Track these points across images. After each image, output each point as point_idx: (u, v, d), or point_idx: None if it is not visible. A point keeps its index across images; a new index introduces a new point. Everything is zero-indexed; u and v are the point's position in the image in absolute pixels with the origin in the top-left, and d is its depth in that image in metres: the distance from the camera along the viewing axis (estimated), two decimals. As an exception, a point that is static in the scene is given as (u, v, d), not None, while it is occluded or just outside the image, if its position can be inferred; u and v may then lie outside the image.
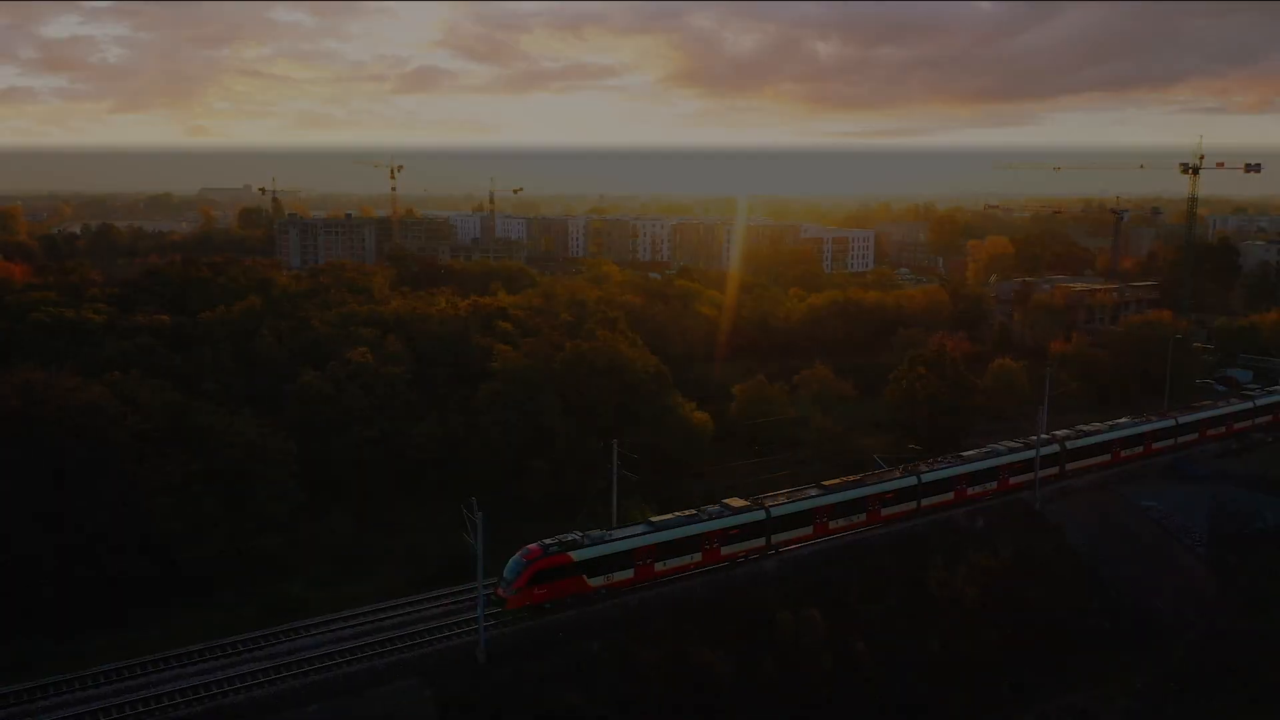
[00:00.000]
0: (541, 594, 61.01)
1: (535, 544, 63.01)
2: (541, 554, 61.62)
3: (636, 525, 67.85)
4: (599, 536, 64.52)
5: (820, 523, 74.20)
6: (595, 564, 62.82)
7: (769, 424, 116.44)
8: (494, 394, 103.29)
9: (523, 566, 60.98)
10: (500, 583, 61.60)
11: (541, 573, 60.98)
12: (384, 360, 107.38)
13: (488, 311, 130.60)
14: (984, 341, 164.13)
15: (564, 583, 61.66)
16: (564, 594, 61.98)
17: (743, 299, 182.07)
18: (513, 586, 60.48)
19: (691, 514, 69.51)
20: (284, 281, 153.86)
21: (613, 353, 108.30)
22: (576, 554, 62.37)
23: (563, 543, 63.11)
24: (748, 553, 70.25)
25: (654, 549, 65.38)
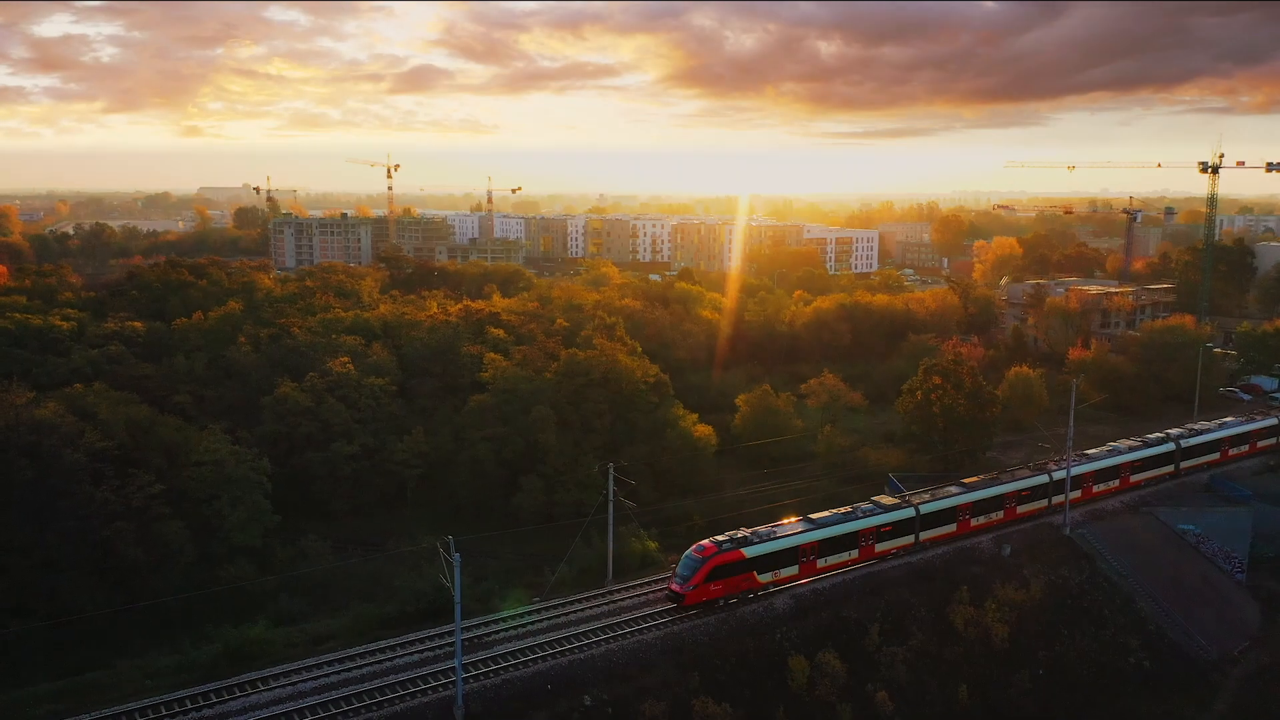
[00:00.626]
0: (717, 590, 61.66)
1: (708, 540, 63.76)
2: (717, 550, 62.08)
3: (796, 522, 68.64)
4: (766, 534, 65.32)
5: (963, 519, 75.06)
6: (765, 560, 63.66)
7: (775, 436, 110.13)
8: (483, 407, 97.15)
9: (699, 563, 61.33)
10: (674, 578, 62.42)
11: (718, 569, 61.50)
12: (367, 370, 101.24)
13: (480, 317, 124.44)
14: (996, 346, 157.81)
15: (737, 579, 62.49)
16: (737, 590, 62.83)
17: (745, 302, 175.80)
18: (690, 583, 60.86)
19: (848, 511, 70.63)
20: (269, 285, 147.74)
21: (610, 362, 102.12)
22: (749, 550, 63.07)
23: (734, 539, 63.71)
24: (898, 549, 71.04)
25: (816, 545, 66.46)
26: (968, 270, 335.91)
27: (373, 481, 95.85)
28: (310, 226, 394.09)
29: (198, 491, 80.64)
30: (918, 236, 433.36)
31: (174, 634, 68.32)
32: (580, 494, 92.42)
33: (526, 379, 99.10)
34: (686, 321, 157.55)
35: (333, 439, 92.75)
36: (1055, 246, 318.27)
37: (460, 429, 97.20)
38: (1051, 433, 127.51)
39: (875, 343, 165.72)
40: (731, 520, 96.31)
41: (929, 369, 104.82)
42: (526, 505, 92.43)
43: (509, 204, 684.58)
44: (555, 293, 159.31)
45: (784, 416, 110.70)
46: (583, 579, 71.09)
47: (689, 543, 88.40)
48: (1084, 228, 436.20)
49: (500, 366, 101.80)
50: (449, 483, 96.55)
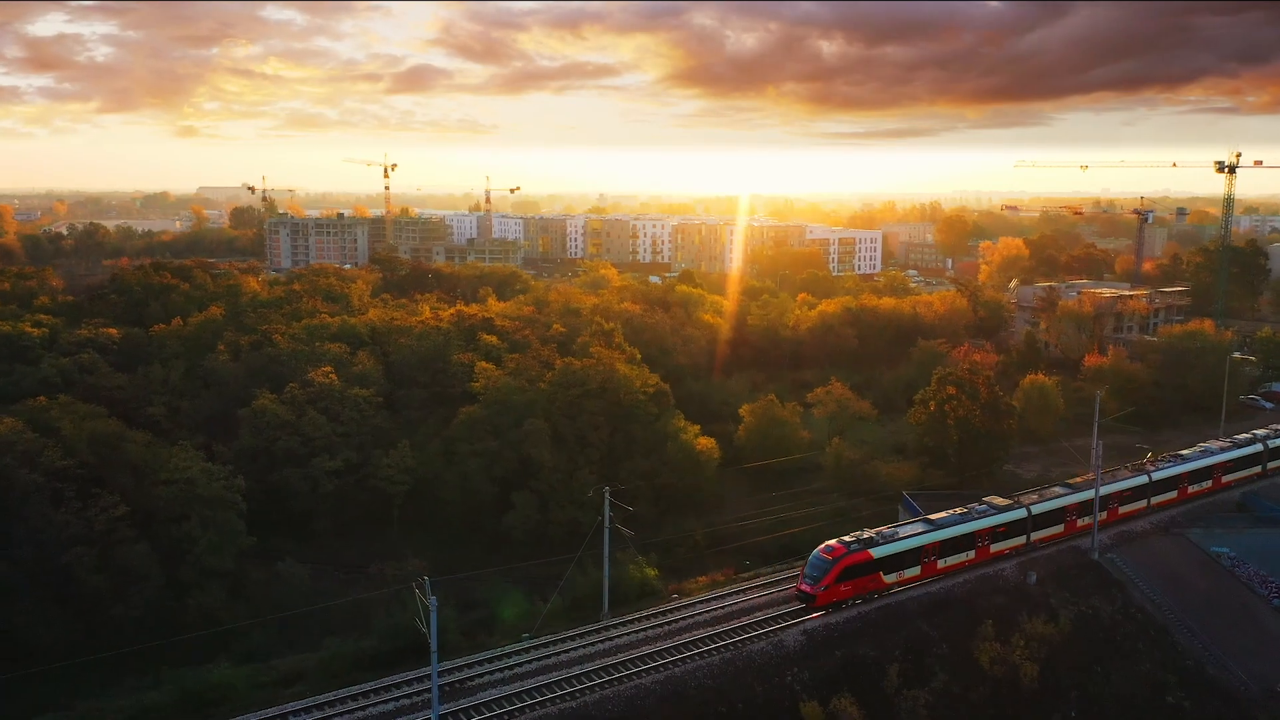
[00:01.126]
0: (847, 590, 61.53)
1: (835, 540, 63.45)
2: (846, 551, 61.85)
3: (916, 523, 68.31)
4: (890, 534, 65.13)
5: (1070, 520, 74.85)
6: (891, 561, 63.47)
7: (780, 449, 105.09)
8: (473, 419, 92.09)
9: (830, 564, 61.08)
10: (802, 579, 62.01)
11: (848, 569, 61.33)
12: (352, 381, 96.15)
13: (472, 323, 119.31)
14: (1007, 351, 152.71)
15: (865, 579, 62.36)
16: (865, 590, 62.67)
17: (748, 306, 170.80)
18: (821, 583, 60.66)
19: (964, 511, 70.24)
20: (255, 289, 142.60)
21: (607, 372, 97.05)
22: (876, 551, 62.84)
23: (860, 540, 63.39)
24: (1010, 550, 70.90)
25: (937, 546, 66.22)
26: (973, 271, 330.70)
27: (357, 499, 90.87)
28: (306, 227, 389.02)
29: (166, 512, 75.60)
30: (921, 237, 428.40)
31: (141, 665, 63.35)
32: (576, 512, 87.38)
33: (519, 389, 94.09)
34: (687, 326, 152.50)
35: (314, 454, 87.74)
36: (1062, 247, 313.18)
37: (449, 443, 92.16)
38: (1070, 444, 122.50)
39: (882, 348, 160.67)
40: (734, 541, 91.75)
41: (943, 379, 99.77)
42: (519, 524, 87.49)
43: (508, 204, 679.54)
44: (552, 296, 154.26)
45: (790, 428, 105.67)
46: (577, 610, 66.07)
47: (690, 567, 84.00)
48: (1089, 228, 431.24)
49: (492, 376, 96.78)
50: (437, 500, 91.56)
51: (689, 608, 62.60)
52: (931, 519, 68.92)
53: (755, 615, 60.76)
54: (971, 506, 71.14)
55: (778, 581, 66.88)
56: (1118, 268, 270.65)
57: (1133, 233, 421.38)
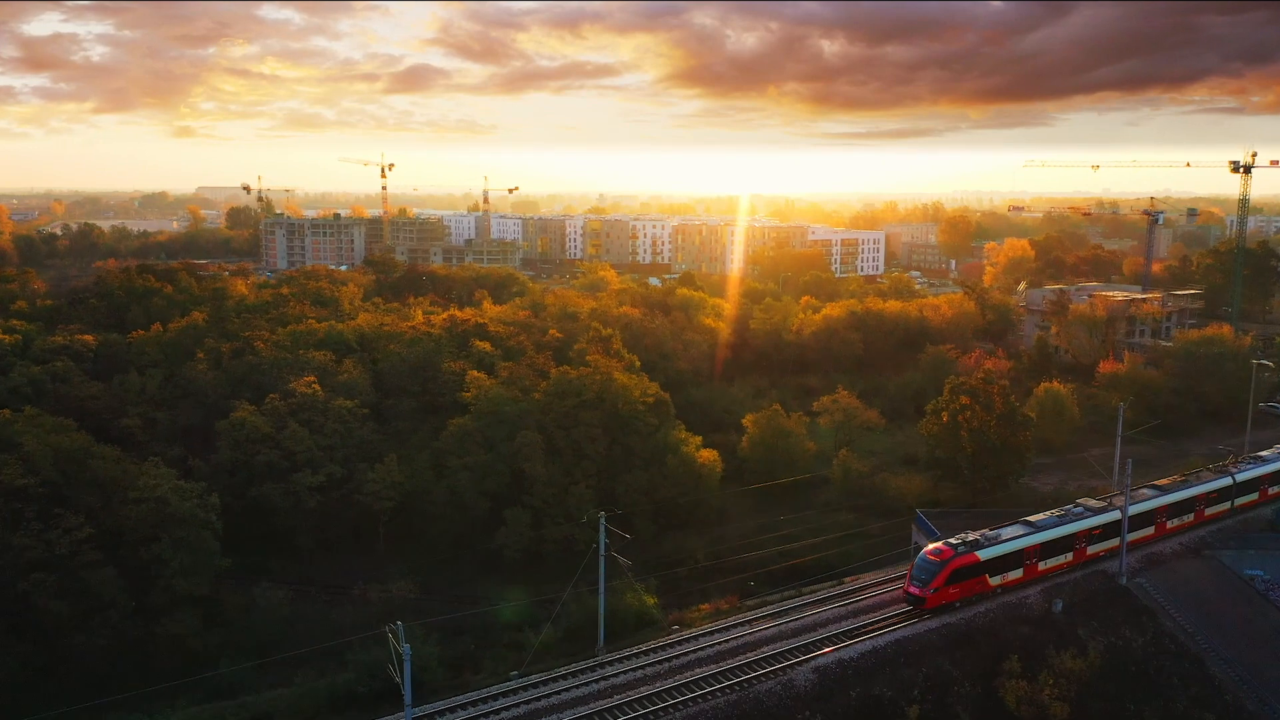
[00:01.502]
0: (955, 593, 61.28)
1: (941, 543, 63.35)
2: (955, 554, 61.53)
3: (1014, 525, 67.54)
4: (993, 536, 64.89)
5: (1160, 522, 74.40)
6: (996, 563, 63.21)
7: (785, 462, 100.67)
8: (464, 431, 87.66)
9: (939, 566, 60.76)
10: (910, 581, 61.66)
11: (956, 571, 61.09)
12: (337, 390, 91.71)
13: (465, 329, 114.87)
14: (1018, 357, 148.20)
15: (972, 582, 62.16)
16: (972, 593, 62.38)
17: (750, 309, 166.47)
18: (930, 586, 60.34)
19: (1061, 513, 69.81)
20: (242, 292, 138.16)
21: (605, 381, 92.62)
22: (982, 553, 62.60)
23: (966, 542, 63.11)
24: (1105, 551, 70.04)
25: (1038, 548, 65.65)
26: (977, 272, 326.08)
27: (342, 515, 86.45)
28: (302, 227, 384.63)
29: (135, 533, 71.14)
30: (924, 238, 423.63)
31: (107, 693, 58.93)
32: (571, 529, 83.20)
33: (512, 400, 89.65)
34: (688, 330, 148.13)
35: (295, 468, 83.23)
36: (1068, 248, 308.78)
37: (439, 456, 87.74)
38: (1087, 454, 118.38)
39: (888, 353, 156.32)
40: (738, 561, 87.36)
41: (955, 388, 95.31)
42: (511, 542, 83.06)
43: (508, 204, 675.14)
44: (549, 299, 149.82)
45: (795, 439, 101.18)
46: (572, 642, 61.70)
47: (692, 592, 79.55)
48: (1093, 229, 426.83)
49: (484, 385, 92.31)
50: (426, 515, 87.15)
51: (691, 641, 58.06)
52: (1031, 521, 68.16)
53: (763, 650, 56.24)
54: (1068, 509, 70.80)
55: (786, 612, 62.33)
56: (1125, 269, 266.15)
57: (1138, 233, 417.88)
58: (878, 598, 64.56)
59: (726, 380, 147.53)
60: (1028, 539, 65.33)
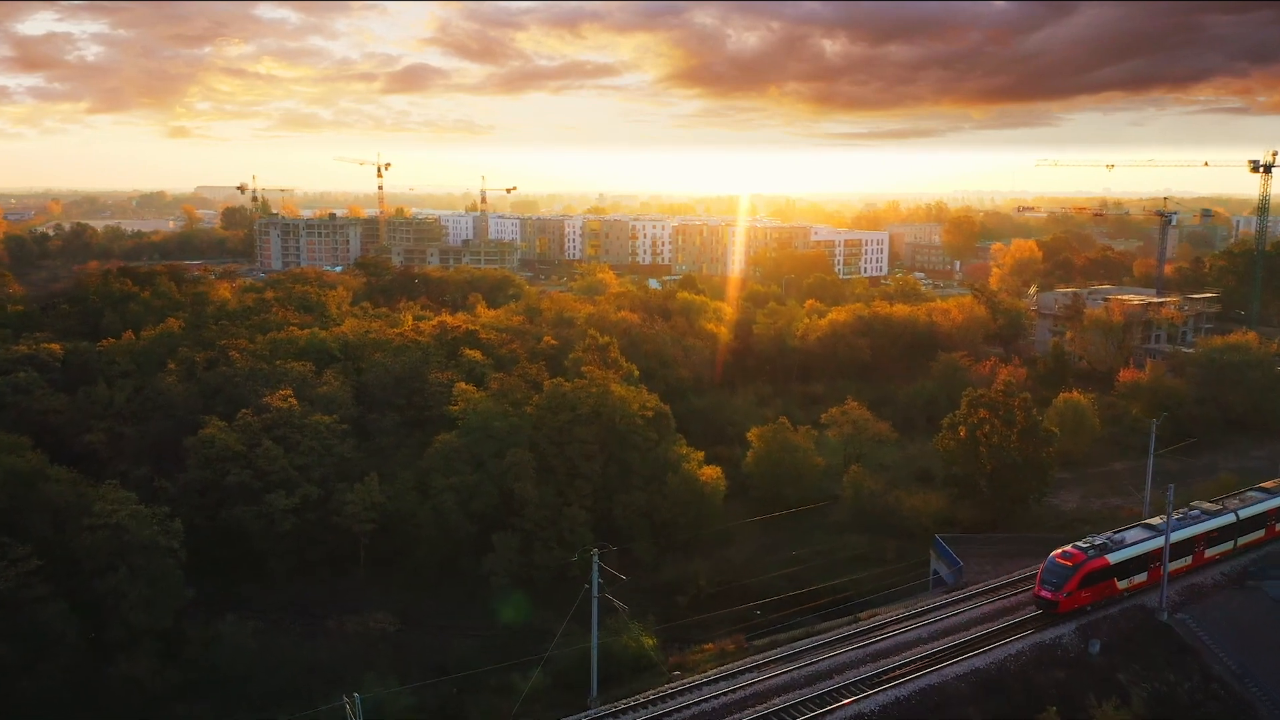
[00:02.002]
0: (1086, 597, 61.15)
1: (1070, 546, 63.07)
2: (1086, 558, 61.32)
3: (1135, 528, 67.22)
4: (1119, 540, 64.70)
5: (1270, 525, 73.47)
6: (1124, 567, 63.11)
7: (792, 479, 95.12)
8: (450, 449, 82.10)
9: (1070, 570, 60.53)
10: (1040, 585, 61.32)
11: (1088, 576, 60.88)
12: (315, 404, 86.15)
13: (455, 336, 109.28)
14: (1034, 364, 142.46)
15: (1103, 586, 62.01)
16: (1102, 596, 62.30)
17: (753, 313, 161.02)
18: (1064, 590, 60.11)
19: (1179, 516, 68.26)
20: (225, 297, 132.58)
21: (601, 394, 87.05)
22: (1112, 557, 62.50)
23: (1095, 546, 62.84)
24: (1221, 555, 69.99)
25: (1162, 552, 64.17)
26: (982, 274, 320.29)
27: (319, 538, 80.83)
28: (296, 227, 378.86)
29: (91, 563, 65.60)
30: (927, 238, 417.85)
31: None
32: (564, 553, 77.66)
33: (501, 415, 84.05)
34: (689, 336, 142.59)
35: (269, 489, 77.65)
36: (1075, 249, 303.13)
37: (423, 475, 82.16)
38: (1107, 468, 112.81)
39: (896, 359, 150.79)
40: (742, 587, 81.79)
41: (974, 401, 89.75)
42: (499, 568, 77.50)
43: (507, 204, 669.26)
44: (544, 304, 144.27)
45: (802, 454, 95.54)
46: (563, 689, 56.21)
47: (694, 625, 74.08)
48: (1098, 229, 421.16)
49: (472, 399, 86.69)
50: (409, 538, 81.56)
51: (693, 691, 52.50)
52: (1151, 524, 67.33)
53: (773, 703, 50.69)
54: (1186, 512, 69.79)
55: (798, 655, 56.75)
56: (1136, 271, 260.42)
57: (1143, 233, 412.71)
58: (897, 638, 59.00)
59: (729, 387, 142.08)
60: (1152, 543, 64.38)
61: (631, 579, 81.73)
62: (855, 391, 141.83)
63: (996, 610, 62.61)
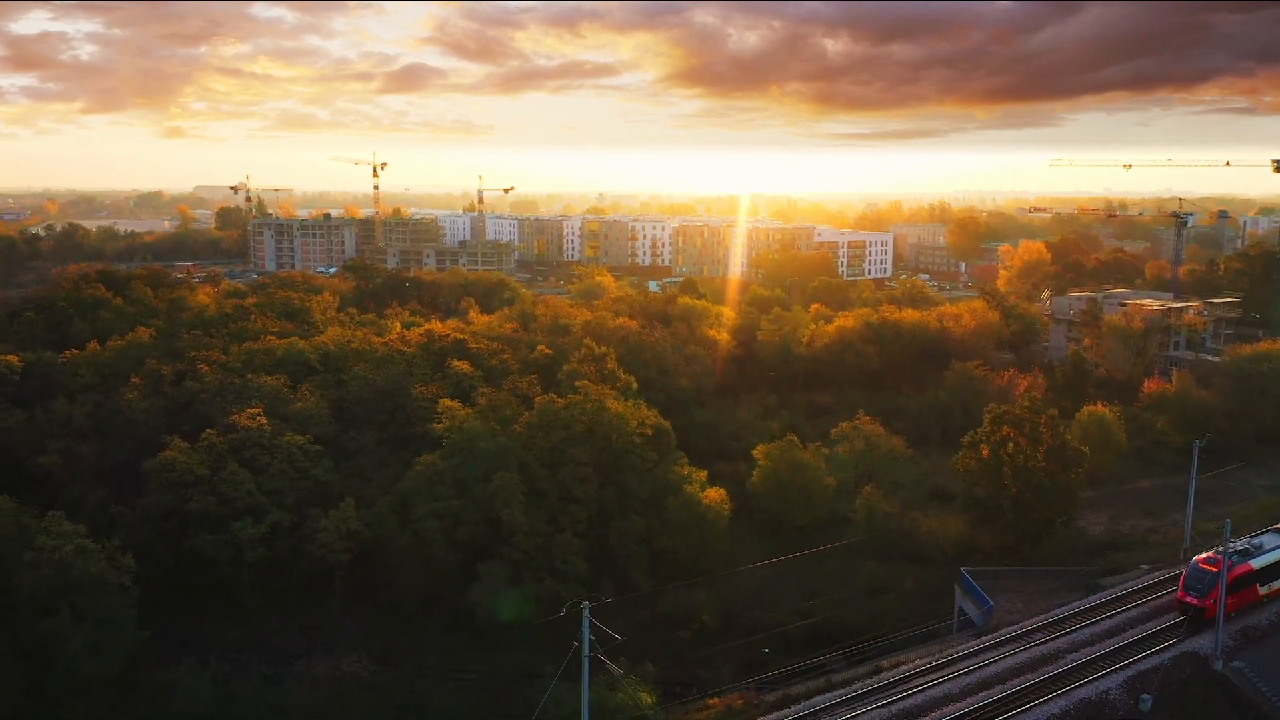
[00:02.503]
0: (1230, 603, 58.79)
1: (1213, 551, 61.31)
2: (1231, 563, 58.90)
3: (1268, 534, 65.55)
4: (1258, 545, 63.28)
5: None
6: (1266, 573, 61.85)
7: (801, 500, 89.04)
8: (432, 472, 75.91)
9: (1217, 576, 58.06)
10: (1185, 591, 59.89)
11: (1233, 582, 58.80)
12: (288, 422, 79.98)
13: (443, 345, 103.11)
14: (1048, 372, 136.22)
15: (1244, 592, 60.72)
16: (1245, 603, 60.90)
17: (756, 319, 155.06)
18: (1211, 595, 58.29)
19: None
20: (204, 302, 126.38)
21: (596, 411, 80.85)
22: (1255, 562, 61.40)
23: (1236, 551, 60.99)
24: None
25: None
26: (989, 275, 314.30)
27: (292, 567, 74.71)
28: (291, 228, 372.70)
29: (34, 604, 59.47)
30: (932, 239, 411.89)
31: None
32: (556, 585, 71.64)
33: (488, 434, 77.85)
34: (690, 343, 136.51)
35: (234, 516, 71.48)
36: (1085, 251, 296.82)
37: (404, 499, 76.00)
38: (1134, 486, 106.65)
39: (906, 366, 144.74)
40: (749, 620, 75.75)
41: (997, 418, 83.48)
42: (486, 601, 71.33)
43: (506, 204, 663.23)
44: (539, 310, 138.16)
45: (812, 473, 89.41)
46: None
47: (697, 663, 68.04)
48: (1103, 230, 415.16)
49: (457, 416, 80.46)
50: (388, 568, 75.44)
51: (697, 761, 46.34)
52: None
53: (788, 776, 44.52)
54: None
55: (815, 716, 50.50)
56: (1148, 273, 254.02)
57: (1149, 234, 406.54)
58: (926, 692, 52.80)
59: (732, 396, 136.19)
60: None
61: (629, 614, 76.17)
62: (864, 401, 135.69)
63: (1033, 659, 56.37)
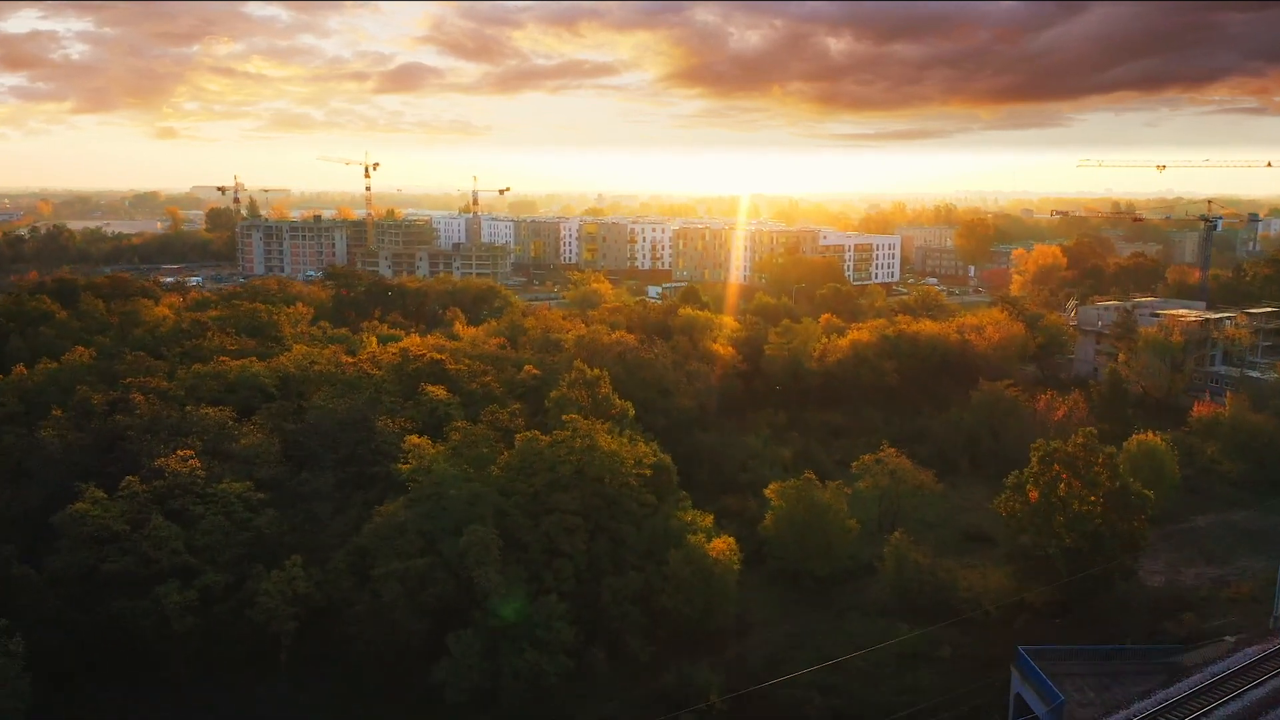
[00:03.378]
0: None
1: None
2: None
3: None
4: None
5: None
6: None
7: (820, 546, 78.27)
8: (395, 525, 65.09)
9: None
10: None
11: None
12: (231, 463, 69.16)
13: (418, 366, 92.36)
14: (1085, 391, 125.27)
15: None
16: None
17: (761, 329, 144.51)
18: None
19: None
20: (159, 316, 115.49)
21: (586, 449, 70.03)
22: None
23: None
24: None
25: None
26: (999, 280, 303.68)
27: (232, 633, 63.94)
28: (280, 230, 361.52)
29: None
30: (939, 241, 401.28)
31: None
32: (538, 656, 60.91)
33: (460, 477, 67.03)
34: (692, 359, 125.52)
35: (160, 578, 60.69)
36: (1100, 255, 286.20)
37: (361, 555, 65.22)
38: (1189, 525, 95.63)
39: (926, 382, 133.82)
40: (763, 697, 65.13)
41: (1046, 457, 72.69)
42: (456, 678, 60.55)
43: (505, 204, 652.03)
44: (529, 323, 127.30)
45: (833, 516, 78.51)
46: None
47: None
48: (1113, 232, 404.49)
49: (426, 455, 69.61)
50: (344, 636, 64.68)
51: None
52: None
53: None
54: None
55: None
56: (1170, 278, 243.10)
57: (1160, 236, 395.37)
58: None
59: (738, 415, 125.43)
60: None
61: (625, 689, 65.61)
62: (881, 421, 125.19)
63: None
